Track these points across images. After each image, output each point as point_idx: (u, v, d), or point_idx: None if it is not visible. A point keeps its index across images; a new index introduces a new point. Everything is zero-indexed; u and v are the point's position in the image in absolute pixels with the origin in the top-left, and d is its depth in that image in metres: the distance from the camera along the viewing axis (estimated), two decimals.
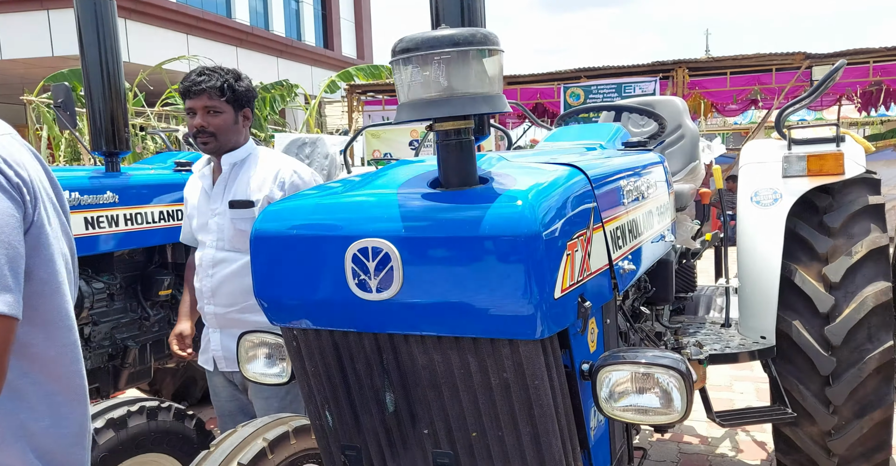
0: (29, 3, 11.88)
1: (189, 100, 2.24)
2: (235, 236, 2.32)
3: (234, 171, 2.35)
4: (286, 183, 2.29)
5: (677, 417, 1.31)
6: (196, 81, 2.22)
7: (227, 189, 2.34)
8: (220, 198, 2.35)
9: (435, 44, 1.22)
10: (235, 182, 2.35)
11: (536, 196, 1.27)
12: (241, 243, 2.31)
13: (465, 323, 1.28)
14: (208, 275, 2.35)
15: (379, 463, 1.46)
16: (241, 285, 2.31)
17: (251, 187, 2.30)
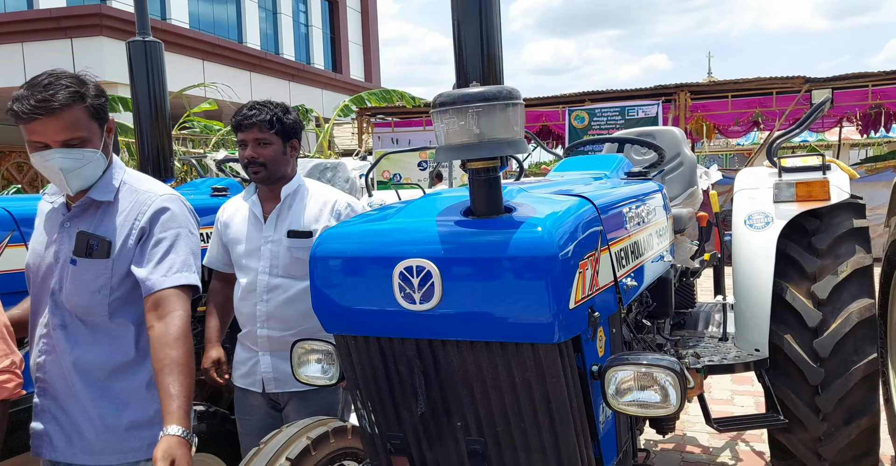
0: (54, 32, 12.32)
1: (241, 132, 2.38)
2: (291, 263, 2.40)
3: (289, 201, 2.45)
4: (342, 214, 2.43)
5: (673, 410, 1.55)
6: (248, 116, 2.37)
7: (282, 218, 2.43)
8: (274, 227, 2.43)
9: (469, 99, 1.48)
10: (290, 212, 2.44)
11: (553, 223, 1.52)
12: (296, 271, 2.39)
13: (494, 330, 1.52)
14: (263, 300, 2.41)
15: (419, 450, 1.70)
16: (297, 310, 2.39)
17: (308, 218, 2.41)
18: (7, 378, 1.62)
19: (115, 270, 1.72)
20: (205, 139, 10.87)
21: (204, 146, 10.49)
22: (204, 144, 10.70)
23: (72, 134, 1.66)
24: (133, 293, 1.74)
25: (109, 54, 12.33)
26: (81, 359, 1.73)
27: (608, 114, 13.55)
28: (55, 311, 1.73)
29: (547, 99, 14.36)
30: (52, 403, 1.75)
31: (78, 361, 1.73)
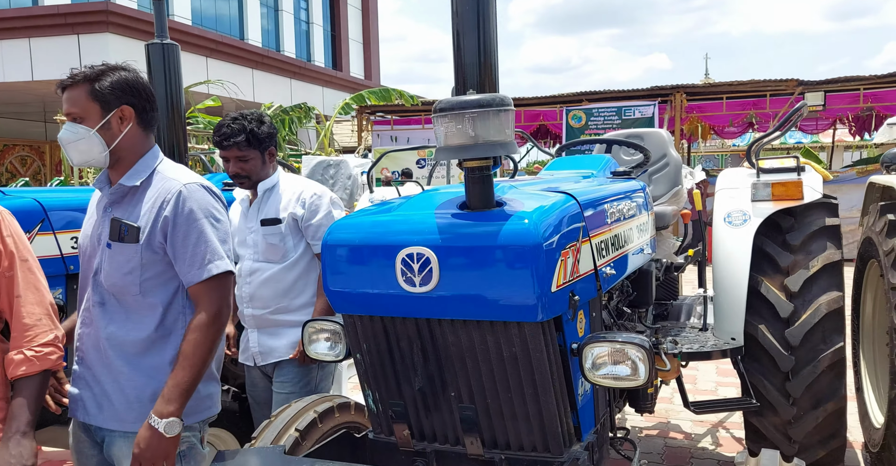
0: (60, 28, 12.50)
1: (222, 151, 2.70)
2: (267, 249, 2.73)
3: (266, 195, 2.77)
4: (307, 202, 2.72)
5: (641, 382, 1.75)
6: (225, 136, 2.65)
7: (260, 210, 2.76)
8: (255, 218, 2.76)
9: (466, 105, 1.68)
10: (266, 204, 2.76)
11: (538, 216, 1.73)
12: (272, 255, 2.73)
13: (485, 310, 1.73)
14: (247, 283, 2.75)
15: (417, 418, 1.91)
16: (273, 290, 2.72)
17: (279, 208, 2.73)
18: (51, 351, 1.80)
19: (143, 254, 1.84)
20: (208, 135, 11.07)
21: (208, 142, 10.69)
22: (208, 140, 10.90)
23: (70, 109, 1.84)
24: (162, 275, 1.87)
25: (115, 51, 12.51)
26: (114, 334, 1.87)
27: (605, 114, 13.76)
28: (95, 289, 1.90)
29: (545, 98, 14.57)
30: (87, 372, 1.91)
31: (111, 336, 1.88)
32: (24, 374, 1.76)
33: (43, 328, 1.80)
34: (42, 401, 1.83)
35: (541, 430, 1.84)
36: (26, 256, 1.82)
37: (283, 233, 2.71)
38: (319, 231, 2.68)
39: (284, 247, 2.72)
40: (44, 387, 1.83)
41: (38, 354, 1.78)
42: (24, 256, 1.82)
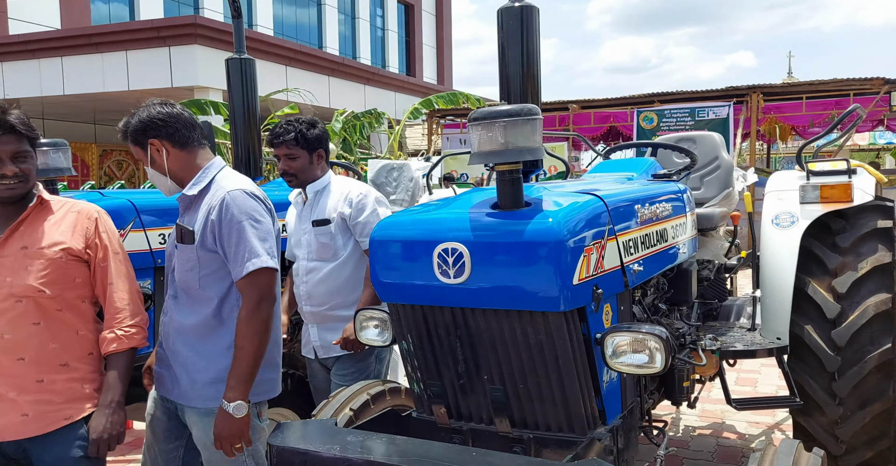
0: (153, 41, 13.40)
1: (274, 149, 2.88)
2: (319, 248, 2.88)
3: (317, 197, 2.92)
4: (353, 201, 2.86)
5: (658, 370, 1.89)
6: (277, 134, 2.85)
7: (312, 212, 2.92)
8: (307, 219, 2.93)
9: (497, 115, 1.87)
10: (317, 206, 2.92)
11: (562, 216, 1.90)
12: (324, 254, 2.88)
13: (512, 300, 1.91)
14: (304, 282, 2.92)
15: (453, 395, 2.11)
16: (328, 287, 2.87)
17: (328, 209, 2.88)
18: (136, 331, 2.09)
19: (199, 253, 2.10)
20: None
21: None
22: None
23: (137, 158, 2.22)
24: (218, 272, 2.11)
25: (202, 61, 13.32)
26: (182, 323, 2.15)
27: (678, 115, 13.54)
28: (171, 284, 2.20)
29: (615, 100, 14.46)
30: (164, 354, 2.21)
31: (179, 325, 2.16)
32: (114, 350, 2.05)
33: (130, 312, 2.08)
34: (129, 375, 2.10)
35: (565, 412, 2.00)
36: (118, 249, 2.12)
37: (332, 233, 2.87)
38: (366, 229, 2.81)
39: (335, 246, 2.87)
40: (131, 363, 2.10)
41: (126, 333, 2.06)
42: (116, 249, 2.11)
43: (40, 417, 1.96)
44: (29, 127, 1.97)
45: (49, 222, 2.03)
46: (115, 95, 14.39)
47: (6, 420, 1.94)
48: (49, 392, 1.98)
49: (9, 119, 1.90)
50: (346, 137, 11.29)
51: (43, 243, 1.99)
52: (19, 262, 1.96)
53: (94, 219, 2.08)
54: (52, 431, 1.97)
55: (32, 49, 14.44)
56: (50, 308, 1.98)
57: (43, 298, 1.95)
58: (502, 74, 2.63)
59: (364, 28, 27.43)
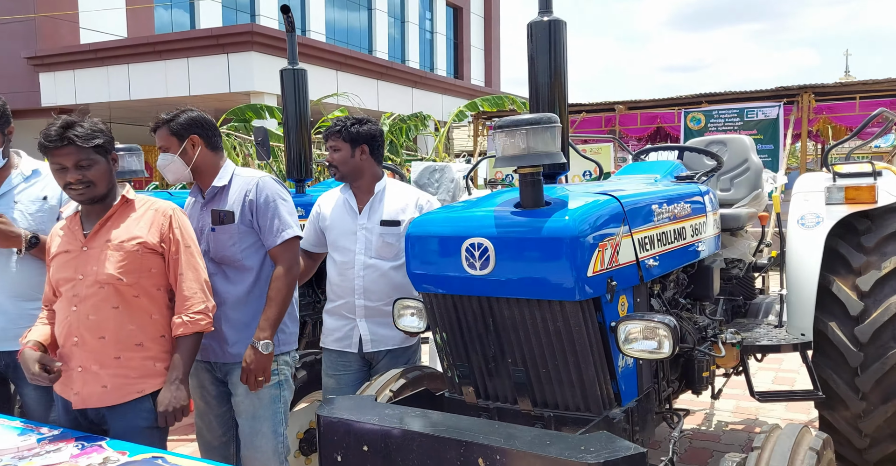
0: (213, 49, 14.02)
1: (325, 141, 3.02)
2: (382, 246, 2.94)
3: (379, 196, 3.00)
4: (423, 207, 2.98)
5: (666, 355, 2.07)
6: (329, 128, 3.00)
7: (374, 210, 2.97)
8: (368, 216, 2.97)
9: (519, 123, 2.08)
10: (381, 205, 2.98)
11: (579, 214, 2.10)
12: (385, 253, 2.94)
13: (532, 290, 2.11)
14: (360, 276, 2.94)
15: (480, 376, 2.33)
16: (387, 284, 2.93)
17: (396, 210, 2.96)
18: (202, 317, 2.35)
19: (239, 229, 2.57)
20: None
21: None
22: None
23: (161, 143, 2.59)
24: (254, 245, 2.60)
25: (259, 67, 13.86)
26: (228, 293, 2.59)
27: (726, 116, 13.40)
28: (208, 264, 2.55)
29: (662, 101, 14.39)
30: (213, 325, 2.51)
31: (223, 295, 2.58)
32: (181, 334, 2.31)
33: (197, 300, 2.34)
34: (194, 356, 2.38)
35: (582, 393, 2.20)
36: (189, 243, 2.39)
37: (400, 234, 2.93)
38: None
39: (398, 246, 2.94)
40: (196, 345, 2.37)
41: (191, 319, 2.31)
42: (188, 243, 2.39)
43: (117, 389, 2.26)
44: (88, 139, 2.19)
45: (131, 218, 2.32)
46: (177, 100, 15.07)
47: (90, 390, 2.25)
48: (125, 368, 2.26)
49: (67, 134, 2.16)
50: (392, 139, 11.62)
51: (123, 237, 2.28)
52: (103, 253, 2.26)
53: (169, 216, 2.36)
54: (126, 402, 2.26)
55: (101, 57, 15.26)
56: (128, 294, 2.27)
57: (121, 285, 2.25)
58: (531, 82, 2.84)
59: (413, 31, 27.83)
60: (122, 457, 1.98)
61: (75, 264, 2.27)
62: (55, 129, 2.18)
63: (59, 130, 2.17)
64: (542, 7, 2.78)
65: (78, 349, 2.25)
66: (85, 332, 2.25)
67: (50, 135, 2.17)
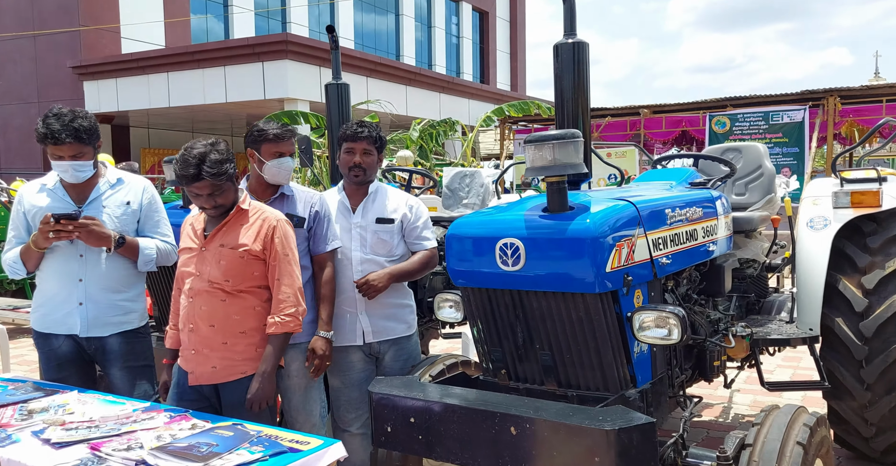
0: (248, 57, 14.54)
1: (351, 142, 3.05)
2: (377, 243, 3.10)
3: (372, 197, 3.15)
4: (413, 208, 3.18)
5: (675, 341, 2.36)
6: (358, 131, 3.07)
7: (367, 209, 3.12)
8: (361, 215, 3.12)
9: (546, 138, 2.39)
10: (374, 205, 3.14)
11: (598, 217, 2.39)
12: (380, 249, 3.09)
13: (558, 284, 2.42)
14: (358, 271, 3.06)
15: (511, 360, 2.64)
16: None
17: (389, 210, 3.13)
18: (291, 320, 2.61)
19: (303, 234, 2.92)
20: None
21: None
22: None
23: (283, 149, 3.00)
24: (306, 249, 2.94)
25: (292, 74, 14.34)
26: None
27: (751, 119, 13.51)
28: None
29: (687, 104, 14.54)
30: None
31: None
32: (273, 332, 2.60)
33: (290, 303, 2.61)
34: (282, 353, 2.66)
35: (601, 375, 2.49)
36: (287, 252, 2.65)
37: (393, 232, 3.12)
38: (422, 233, 3.18)
39: (392, 243, 3.12)
40: (285, 344, 2.64)
41: (282, 321, 2.59)
42: (286, 252, 2.64)
43: (224, 369, 2.60)
44: (218, 175, 2.50)
45: (243, 226, 2.63)
46: (213, 107, 15.64)
47: (202, 369, 2.62)
48: (231, 352, 2.60)
49: (202, 172, 2.48)
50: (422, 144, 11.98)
51: (233, 243, 2.60)
52: (216, 256, 2.60)
53: (273, 227, 2.63)
54: (233, 380, 2.60)
55: (142, 66, 15.90)
56: (233, 290, 2.60)
57: (227, 285, 2.59)
58: (557, 97, 3.15)
59: (439, 36, 28.24)
60: (206, 424, 2.32)
61: (194, 262, 2.63)
62: (192, 167, 2.48)
63: (196, 166, 2.48)
64: (567, 30, 3.09)
65: (193, 334, 2.62)
66: (198, 320, 2.60)
67: (188, 173, 2.49)
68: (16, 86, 17.54)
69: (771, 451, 2.26)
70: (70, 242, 2.91)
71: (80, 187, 2.99)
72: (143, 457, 2.01)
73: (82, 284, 2.94)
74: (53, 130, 2.81)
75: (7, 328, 5.78)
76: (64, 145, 2.83)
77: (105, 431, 2.25)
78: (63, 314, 2.95)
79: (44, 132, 2.83)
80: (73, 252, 2.94)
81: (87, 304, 2.94)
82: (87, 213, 2.91)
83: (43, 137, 2.84)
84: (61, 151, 2.85)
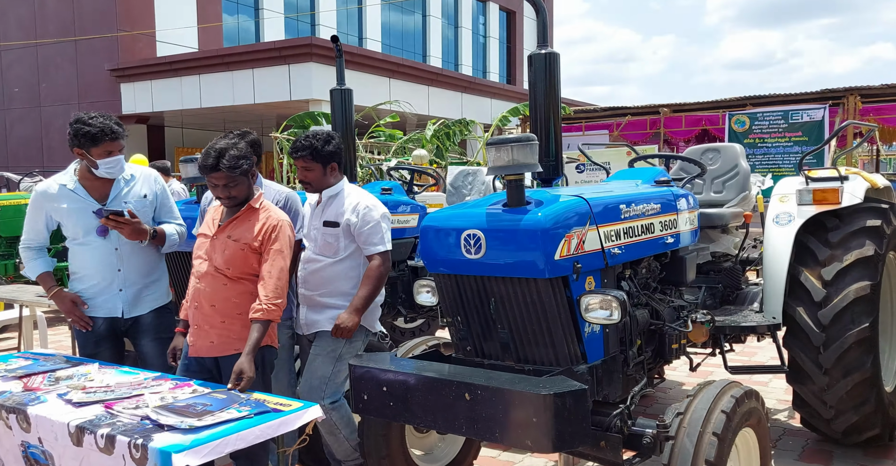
0: (275, 60, 15.06)
1: (294, 160, 3.37)
2: (323, 245, 3.35)
3: (329, 201, 3.40)
4: (360, 213, 3.32)
5: (616, 321, 2.65)
6: (295, 148, 3.31)
7: (322, 213, 3.39)
8: (319, 218, 3.38)
9: (505, 141, 2.70)
10: (328, 209, 3.38)
11: (550, 211, 2.70)
12: (326, 250, 3.35)
13: (514, 270, 2.72)
14: (304, 268, 3.41)
15: (476, 338, 2.95)
16: (321, 278, 3.36)
17: (338, 214, 3.34)
18: (276, 309, 2.83)
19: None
20: (387, 146, 12.82)
21: (386, 152, 12.42)
22: (387, 151, 12.64)
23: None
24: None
25: (317, 76, 14.80)
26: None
27: (770, 118, 13.53)
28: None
29: (707, 103, 14.61)
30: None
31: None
32: (259, 317, 2.83)
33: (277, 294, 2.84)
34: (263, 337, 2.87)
35: (554, 352, 2.80)
36: (282, 249, 2.92)
37: (338, 235, 3.33)
38: (369, 238, 3.34)
39: (337, 246, 3.35)
40: (265, 329, 2.88)
41: (267, 308, 2.83)
42: (281, 249, 2.92)
43: (221, 344, 2.95)
44: (234, 168, 2.80)
45: (249, 222, 2.95)
46: (243, 108, 16.20)
47: (202, 343, 2.97)
48: (228, 330, 2.93)
49: (219, 164, 2.80)
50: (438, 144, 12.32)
51: (237, 237, 2.93)
52: (222, 245, 2.94)
53: (274, 226, 2.91)
54: (228, 355, 2.92)
55: (176, 68, 16.55)
56: (233, 276, 2.93)
57: (227, 272, 2.92)
58: (532, 102, 3.45)
59: (466, 36, 28.52)
60: (206, 390, 2.69)
61: (206, 248, 2.99)
62: (211, 159, 2.82)
63: (214, 159, 2.82)
64: (540, 41, 3.39)
65: (197, 312, 2.99)
66: (202, 300, 2.96)
67: (207, 164, 2.83)
68: (58, 88, 18.40)
69: (698, 418, 2.55)
70: (104, 237, 3.30)
71: (100, 187, 3.36)
72: (147, 414, 2.38)
73: (121, 273, 3.36)
74: (108, 126, 3.19)
75: (46, 317, 6.29)
76: (116, 142, 3.22)
77: (119, 394, 2.63)
78: (105, 299, 3.37)
79: (98, 129, 3.16)
80: (110, 247, 3.34)
81: (126, 290, 3.38)
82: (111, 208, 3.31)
83: (99, 133, 3.16)
84: (113, 147, 3.23)
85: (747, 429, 2.73)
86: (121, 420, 2.35)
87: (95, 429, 2.28)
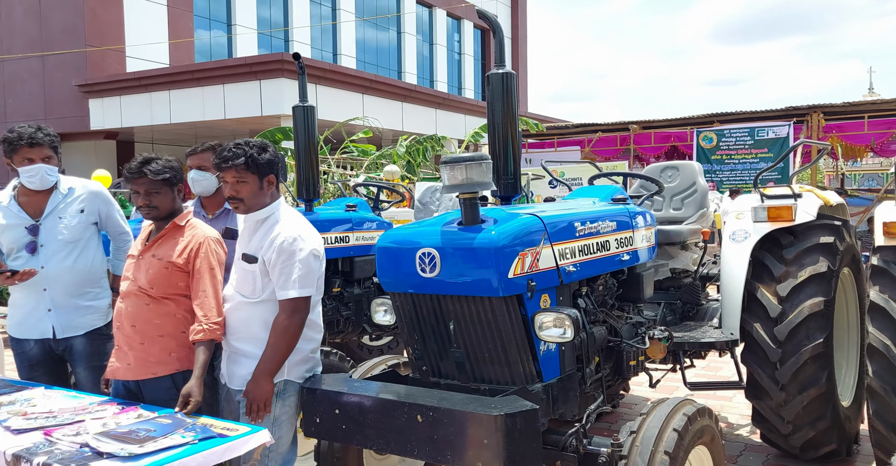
0: (246, 76, 15.00)
1: (221, 172, 2.73)
2: (242, 280, 2.77)
3: (256, 226, 2.79)
4: (281, 248, 2.67)
5: (569, 339, 2.65)
6: (225, 158, 2.67)
7: (248, 241, 2.81)
8: (242, 247, 2.82)
9: (459, 160, 2.70)
10: (254, 237, 2.80)
11: (503, 230, 2.69)
12: (244, 287, 2.76)
13: (468, 288, 2.71)
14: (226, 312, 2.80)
15: (432, 357, 2.93)
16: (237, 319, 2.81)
17: (260, 246, 2.73)
18: (217, 328, 2.78)
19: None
20: (360, 162, 12.81)
21: (358, 168, 12.40)
22: (359, 167, 12.63)
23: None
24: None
25: (288, 92, 14.76)
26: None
27: (737, 135, 13.83)
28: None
29: (675, 120, 14.88)
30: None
31: None
32: (199, 339, 2.74)
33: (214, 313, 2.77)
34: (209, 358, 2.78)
35: (509, 370, 2.78)
36: (213, 266, 2.80)
37: (256, 273, 2.74)
38: (279, 279, 2.68)
39: (254, 285, 2.76)
40: (212, 349, 2.80)
41: (209, 328, 2.76)
42: (212, 266, 2.80)
43: (137, 367, 2.83)
44: (158, 173, 2.75)
45: (174, 240, 2.89)
46: (213, 123, 16.08)
47: (120, 365, 2.87)
48: (146, 352, 2.82)
49: (144, 168, 2.79)
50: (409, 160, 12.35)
51: (161, 255, 2.87)
52: (147, 264, 2.87)
53: (200, 243, 2.83)
54: (145, 379, 2.82)
55: (145, 84, 16.40)
56: (157, 297, 2.85)
57: (151, 292, 2.84)
58: (490, 120, 3.47)
59: (441, 53, 28.73)
60: (152, 415, 2.63)
61: (132, 268, 2.92)
62: (136, 163, 2.79)
63: (139, 164, 2.81)
64: (497, 60, 3.42)
65: (118, 332, 2.91)
66: (124, 320, 2.88)
67: (131, 168, 2.80)
68: (24, 104, 18.11)
69: (650, 437, 2.55)
70: (31, 254, 3.21)
71: (36, 202, 3.26)
72: (87, 440, 2.31)
73: (47, 292, 3.24)
74: (26, 132, 3.10)
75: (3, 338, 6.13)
76: (35, 148, 3.13)
77: (60, 420, 2.56)
78: (35, 320, 3.26)
79: (16, 136, 3.10)
80: (35, 264, 3.23)
81: (55, 310, 3.25)
82: (45, 225, 3.23)
83: (17, 139, 3.10)
84: (34, 154, 3.13)
85: (700, 447, 2.74)
86: (59, 448, 2.28)
87: (32, 457, 2.21)
